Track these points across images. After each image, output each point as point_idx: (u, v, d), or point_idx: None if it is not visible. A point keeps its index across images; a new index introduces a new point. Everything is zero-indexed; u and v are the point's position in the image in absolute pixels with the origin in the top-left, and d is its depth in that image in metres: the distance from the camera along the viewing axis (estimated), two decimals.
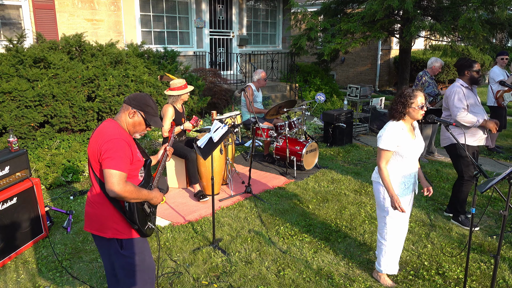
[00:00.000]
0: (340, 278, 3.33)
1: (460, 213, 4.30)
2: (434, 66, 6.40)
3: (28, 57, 5.93)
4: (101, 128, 2.30)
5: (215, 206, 4.55)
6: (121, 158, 2.19)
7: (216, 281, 3.30)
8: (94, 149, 2.24)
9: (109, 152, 2.17)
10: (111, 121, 2.34)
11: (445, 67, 14.34)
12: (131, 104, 2.35)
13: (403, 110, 2.98)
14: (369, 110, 8.53)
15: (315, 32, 9.07)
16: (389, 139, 2.98)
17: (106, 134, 2.24)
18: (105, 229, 2.32)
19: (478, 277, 3.36)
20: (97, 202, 2.33)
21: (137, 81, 6.42)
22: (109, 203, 2.30)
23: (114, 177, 2.14)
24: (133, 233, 2.37)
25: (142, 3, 9.06)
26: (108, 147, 2.18)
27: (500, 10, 7.25)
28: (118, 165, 2.16)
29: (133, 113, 2.35)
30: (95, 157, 2.24)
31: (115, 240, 2.35)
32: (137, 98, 2.37)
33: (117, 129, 2.29)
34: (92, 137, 2.31)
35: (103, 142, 2.20)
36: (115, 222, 2.32)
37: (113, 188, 2.13)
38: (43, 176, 5.16)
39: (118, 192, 2.14)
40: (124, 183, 2.17)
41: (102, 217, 2.32)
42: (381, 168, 3.02)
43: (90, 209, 2.37)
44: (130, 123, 2.36)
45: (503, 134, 8.03)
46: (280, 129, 5.99)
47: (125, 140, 2.26)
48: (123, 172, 2.17)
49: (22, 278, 3.34)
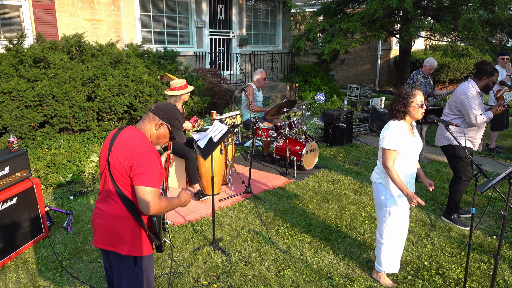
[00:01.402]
0: (340, 278, 3.33)
1: (453, 212, 4.30)
2: (425, 66, 6.48)
3: (28, 57, 5.93)
4: (127, 138, 2.12)
5: (215, 206, 4.55)
6: (155, 174, 2.06)
7: (216, 281, 3.30)
8: (121, 161, 2.06)
9: (143, 167, 2.03)
10: (137, 130, 2.18)
11: (445, 67, 14.34)
12: (159, 115, 2.20)
13: (404, 110, 2.98)
14: (369, 110, 8.53)
15: (314, 33, 9.07)
16: (393, 138, 2.97)
17: (136, 146, 2.07)
18: (122, 245, 2.15)
19: (478, 277, 3.36)
20: (115, 216, 2.14)
21: (137, 81, 6.41)
22: (130, 218, 2.14)
23: (150, 195, 2.03)
24: (145, 250, 2.24)
25: (142, 3, 9.06)
26: (141, 161, 2.03)
27: (500, 10, 7.25)
28: (152, 182, 2.04)
29: (160, 125, 2.21)
30: (122, 170, 2.07)
31: (131, 257, 2.19)
32: (166, 110, 2.22)
33: (146, 141, 2.15)
34: (115, 145, 2.11)
35: (135, 155, 2.04)
36: (132, 239, 2.17)
37: (150, 207, 2.02)
38: (43, 176, 5.16)
39: (154, 210, 2.04)
40: (159, 200, 2.06)
41: (120, 233, 2.14)
42: (390, 168, 2.97)
43: (104, 222, 2.16)
44: (154, 135, 2.22)
45: (503, 134, 8.03)
46: (280, 129, 5.99)
47: (156, 153, 2.12)
48: (157, 189, 2.06)
49: (22, 278, 3.34)
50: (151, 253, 2.29)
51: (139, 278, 2.24)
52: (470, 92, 4.04)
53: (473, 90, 4.05)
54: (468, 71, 15.04)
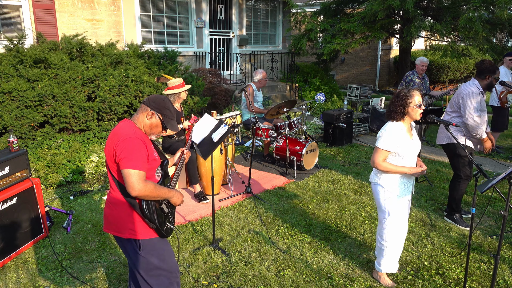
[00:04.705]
0: (340, 278, 3.33)
1: (455, 212, 4.31)
2: (417, 65, 6.55)
3: (29, 57, 5.93)
4: (117, 129, 2.28)
5: (215, 206, 4.55)
6: (138, 157, 2.16)
7: (216, 281, 3.30)
8: (110, 150, 2.23)
9: (125, 152, 2.15)
10: (127, 121, 2.32)
11: (445, 67, 14.34)
12: (150, 106, 2.33)
13: (403, 111, 2.98)
14: (369, 110, 8.53)
15: (315, 32, 9.08)
16: (388, 139, 2.99)
17: (121, 134, 2.22)
18: (122, 229, 2.31)
19: (478, 277, 3.36)
20: (114, 203, 2.32)
21: (137, 81, 6.42)
22: (125, 203, 2.28)
23: (134, 176, 2.13)
24: (151, 233, 2.34)
25: (142, 3, 9.06)
26: (123, 147, 2.17)
27: (500, 10, 7.25)
28: (136, 164, 2.14)
29: (151, 115, 2.33)
30: (111, 158, 2.23)
31: (132, 240, 2.32)
32: (157, 101, 2.35)
33: (132, 129, 2.27)
34: (108, 138, 2.29)
35: (118, 141, 2.19)
36: (131, 223, 2.30)
37: (133, 188, 2.12)
38: (43, 176, 5.16)
39: (138, 191, 2.14)
40: (144, 182, 2.16)
41: (119, 218, 2.31)
42: (380, 163, 3.01)
43: (107, 210, 2.36)
44: (147, 124, 2.35)
45: (503, 134, 8.03)
46: (280, 129, 5.99)
47: (140, 139, 2.23)
48: (141, 171, 2.16)
49: (22, 278, 3.34)
50: (154, 236, 2.35)
51: (147, 260, 2.34)
52: (473, 91, 4.06)
53: (476, 90, 4.08)
54: (468, 71, 15.04)
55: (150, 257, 2.34)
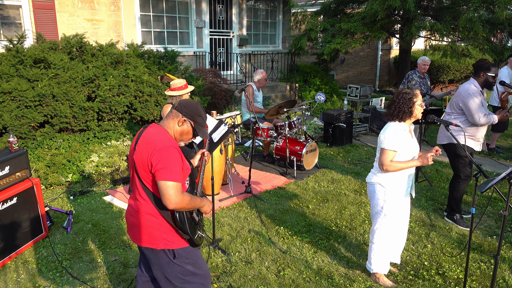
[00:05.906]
0: (340, 278, 3.33)
1: (456, 212, 4.31)
2: (418, 65, 6.54)
3: (28, 57, 5.93)
4: (148, 135, 2.16)
5: (215, 206, 4.55)
6: (175, 168, 2.07)
7: (216, 281, 3.30)
8: (143, 159, 2.11)
9: (163, 162, 2.05)
10: (158, 127, 2.21)
11: (445, 67, 14.34)
12: (182, 112, 2.23)
13: (410, 110, 2.97)
14: (369, 110, 8.53)
15: (315, 32, 9.08)
16: (394, 139, 2.97)
17: (157, 142, 2.11)
18: (155, 240, 2.22)
19: (478, 277, 3.36)
20: (144, 212, 2.21)
21: (137, 81, 6.41)
22: (158, 213, 2.20)
23: (172, 189, 2.04)
24: (184, 242, 2.28)
25: (142, 3, 9.06)
26: (160, 157, 2.06)
27: (500, 10, 7.25)
28: (173, 176, 2.05)
29: (183, 121, 2.23)
30: (146, 168, 2.12)
31: (167, 250, 2.24)
32: (189, 106, 2.24)
33: (167, 136, 2.17)
34: (139, 143, 2.17)
35: (154, 151, 2.08)
36: (164, 233, 2.22)
37: (171, 201, 2.04)
38: (43, 176, 5.16)
39: (175, 204, 2.06)
40: (181, 195, 2.08)
41: (151, 228, 2.21)
42: (389, 164, 2.97)
43: (134, 220, 2.25)
44: (178, 131, 2.24)
45: (503, 134, 8.03)
46: (280, 129, 5.99)
47: (176, 148, 2.15)
48: (179, 183, 2.07)
49: (22, 278, 3.34)
50: (187, 245, 2.31)
51: (183, 268, 2.28)
52: (472, 91, 4.07)
53: (475, 89, 4.09)
54: (468, 71, 15.04)
55: (186, 265, 2.29)
